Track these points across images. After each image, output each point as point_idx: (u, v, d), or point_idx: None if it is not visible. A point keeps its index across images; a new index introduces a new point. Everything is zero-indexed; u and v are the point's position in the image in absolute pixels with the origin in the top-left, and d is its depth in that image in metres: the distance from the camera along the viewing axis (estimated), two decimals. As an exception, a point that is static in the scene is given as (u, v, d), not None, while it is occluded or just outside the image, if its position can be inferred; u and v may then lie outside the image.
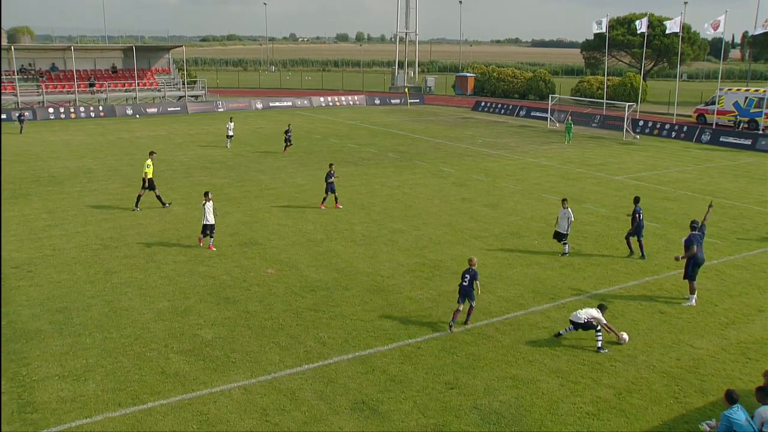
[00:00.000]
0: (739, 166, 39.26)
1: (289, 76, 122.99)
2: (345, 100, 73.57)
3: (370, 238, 22.75)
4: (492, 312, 16.75)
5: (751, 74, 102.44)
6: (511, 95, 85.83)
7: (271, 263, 20.13)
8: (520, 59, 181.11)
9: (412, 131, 51.56)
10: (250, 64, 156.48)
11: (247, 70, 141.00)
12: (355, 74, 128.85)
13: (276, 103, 69.21)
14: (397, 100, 76.44)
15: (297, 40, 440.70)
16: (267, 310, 16.68)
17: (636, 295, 18.10)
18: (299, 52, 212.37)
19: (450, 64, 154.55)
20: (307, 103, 70.74)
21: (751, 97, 54.46)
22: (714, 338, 15.57)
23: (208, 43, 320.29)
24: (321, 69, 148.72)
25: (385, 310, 16.74)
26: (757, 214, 27.23)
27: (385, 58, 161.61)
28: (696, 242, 17.47)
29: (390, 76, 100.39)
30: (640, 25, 57.04)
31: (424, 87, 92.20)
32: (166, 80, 67.43)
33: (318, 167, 35.51)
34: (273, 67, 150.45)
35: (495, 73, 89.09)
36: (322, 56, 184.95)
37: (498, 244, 22.49)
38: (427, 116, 63.93)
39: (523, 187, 31.33)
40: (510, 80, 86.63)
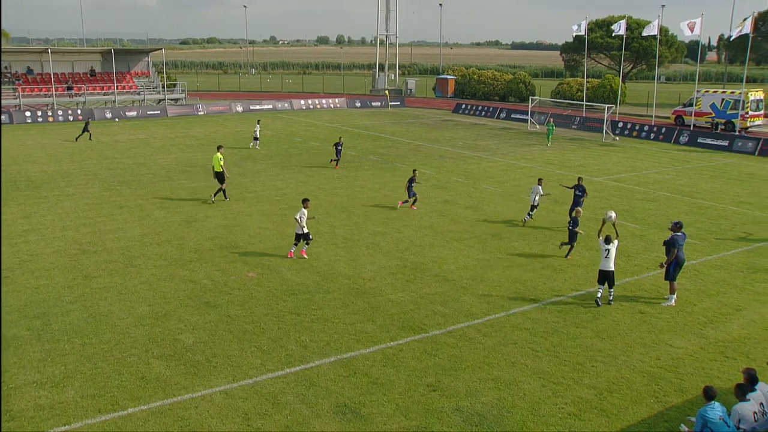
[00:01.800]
0: (716, 167, 39.70)
1: (270, 79, 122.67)
2: (326, 103, 73.49)
3: (351, 241, 22.73)
4: (473, 314, 16.80)
5: (727, 76, 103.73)
6: (491, 97, 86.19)
7: (252, 267, 20.06)
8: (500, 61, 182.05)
9: (393, 134, 51.62)
10: (231, 67, 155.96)
11: (228, 73, 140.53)
12: (335, 77, 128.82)
13: (256, 106, 68.99)
14: (377, 103, 76.47)
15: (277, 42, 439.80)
16: (248, 313, 16.61)
17: (616, 295, 18.21)
18: (280, 55, 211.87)
19: (430, 67, 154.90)
20: (288, 106, 70.59)
21: (727, 98, 55.10)
22: (693, 337, 15.72)
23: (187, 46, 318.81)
24: (301, 72, 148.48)
25: (367, 313, 16.74)
26: (733, 214, 27.54)
27: (365, 60, 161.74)
28: (677, 244, 17.62)
29: (370, 79, 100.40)
30: (618, 27, 57.52)
31: (405, 89, 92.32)
32: (145, 83, 66.97)
33: (297, 170, 35.45)
34: (253, 70, 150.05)
35: (475, 75, 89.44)
36: (303, 59, 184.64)
37: (479, 245, 22.56)
38: (408, 119, 64.03)
39: (503, 189, 31.46)
40: (490, 82, 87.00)
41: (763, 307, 17.73)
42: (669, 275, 17.80)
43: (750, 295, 18.54)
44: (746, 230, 25.22)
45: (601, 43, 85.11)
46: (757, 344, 15.45)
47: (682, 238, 17.85)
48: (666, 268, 17.80)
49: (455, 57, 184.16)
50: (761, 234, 24.75)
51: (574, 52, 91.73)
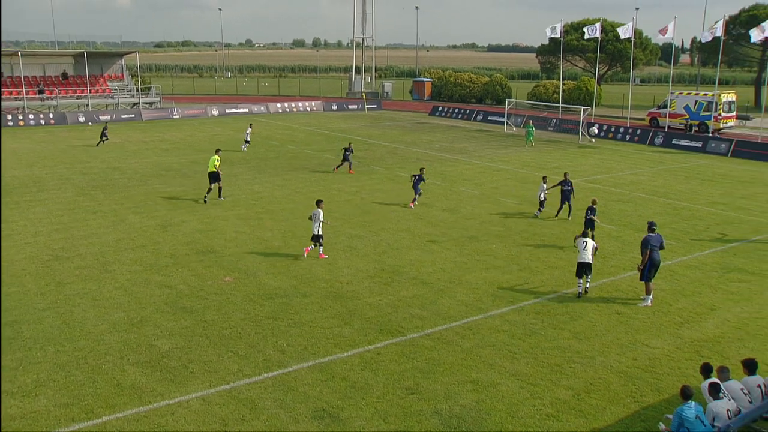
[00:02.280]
0: (691, 168, 40.19)
1: (246, 82, 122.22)
2: (302, 106, 73.36)
3: (328, 244, 22.67)
4: (451, 316, 16.83)
5: (700, 78, 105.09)
6: (467, 100, 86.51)
7: (229, 271, 19.94)
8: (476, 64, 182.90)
9: (370, 136, 51.64)
10: (206, 70, 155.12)
11: (203, 77, 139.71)
12: (312, 80, 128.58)
13: (232, 110, 68.69)
14: (354, 106, 76.47)
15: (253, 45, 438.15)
16: (225, 318, 16.50)
17: (593, 296, 18.37)
18: (255, 58, 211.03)
19: (407, 70, 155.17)
20: (264, 110, 70.34)
21: (700, 100, 55.83)
22: (669, 337, 15.89)
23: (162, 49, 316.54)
24: (278, 75, 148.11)
25: (345, 317, 16.70)
26: (708, 215, 27.89)
27: (342, 63, 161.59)
28: (648, 245, 17.77)
29: (347, 82, 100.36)
30: (593, 30, 58.05)
31: (381, 92, 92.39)
32: (119, 87, 66.41)
33: (274, 174, 35.32)
34: (229, 74, 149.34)
35: (452, 78, 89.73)
36: (279, 62, 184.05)
37: (456, 248, 22.62)
38: (385, 121, 64.09)
39: (480, 192, 31.59)
40: (467, 85, 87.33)
41: (736, 306, 17.98)
42: (643, 276, 17.96)
43: (724, 295, 18.79)
44: (720, 230, 25.55)
45: (577, 46, 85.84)
46: (731, 343, 15.67)
47: (656, 239, 18.00)
48: (641, 269, 17.97)
49: (432, 59, 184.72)
50: (735, 234, 25.09)
51: (550, 55, 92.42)
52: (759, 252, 22.91)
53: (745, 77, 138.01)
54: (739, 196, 32.00)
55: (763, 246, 23.64)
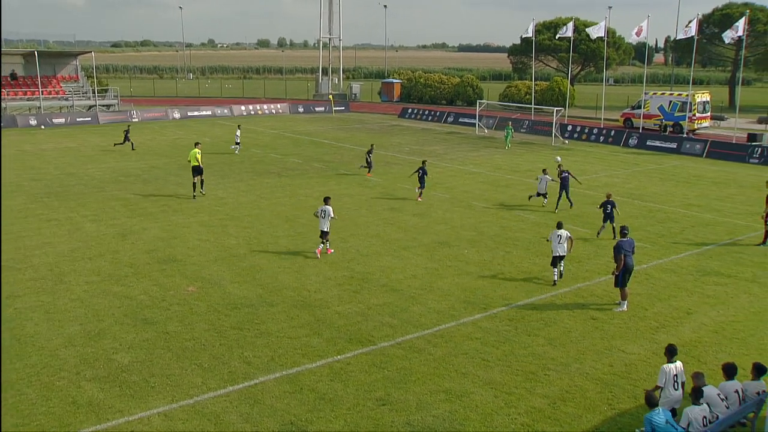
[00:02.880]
0: (665, 169, 40.80)
1: (209, 83, 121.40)
2: (267, 109, 73.09)
3: (295, 252, 22.60)
4: (423, 324, 16.87)
5: (674, 78, 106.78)
6: (438, 101, 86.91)
7: (192, 281, 19.77)
8: (447, 64, 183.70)
9: (338, 140, 51.61)
10: (166, 71, 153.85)
11: (163, 78, 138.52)
12: (277, 81, 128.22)
13: (195, 113, 68.22)
14: (321, 108, 76.36)
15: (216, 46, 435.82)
16: (188, 330, 16.36)
17: (568, 302, 18.54)
18: (218, 59, 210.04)
19: (375, 70, 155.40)
20: (228, 112, 69.95)
21: (675, 101, 56.77)
22: (645, 342, 16.08)
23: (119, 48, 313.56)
24: (242, 76, 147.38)
25: (313, 326, 16.66)
26: (683, 217, 28.32)
27: (308, 64, 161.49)
28: (622, 250, 17.97)
29: (314, 83, 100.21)
30: (565, 30, 58.70)
31: (350, 94, 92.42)
32: (74, 88, 65.52)
33: (238, 179, 35.14)
34: (191, 75, 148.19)
35: (422, 79, 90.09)
36: (243, 63, 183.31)
37: (427, 254, 22.69)
38: (353, 124, 64.11)
39: (452, 195, 31.73)
40: (437, 86, 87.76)
41: (712, 310, 18.27)
42: (618, 282, 18.16)
43: (700, 298, 19.08)
44: (695, 233, 25.94)
45: (549, 45, 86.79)
46: (708, 347, 15.91)
47: (629, 243, 18.19)
48: (615, 275, 18.17)
49: (401, 60, 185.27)
50: (710, 236, 25.50)
51: (522, 55, 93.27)
52: (734, 254, 23.32)
53: (720, 77, 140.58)
54: (714, 197, 32.55)
55: (739, 248, 24.08)
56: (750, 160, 44.12)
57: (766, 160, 43.49)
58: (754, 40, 79.05)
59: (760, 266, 22.06)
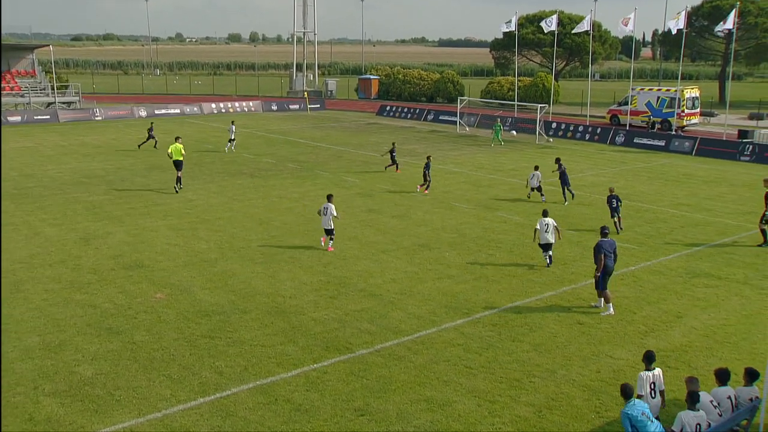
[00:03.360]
0: (653, 167, 41.19)
1: (177, 80, 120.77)
2: (239, 107, 72.91)
3: (269, 256, 22.55)
4: (403, 330, 16.89)
5: (662, 73, 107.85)
6: (418, 98, 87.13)
7: (160, 287, 19.65)
8: (426, 60, 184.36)
9: (313, 139, 51.55)
10: (132, 66, 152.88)
11: (129, 74, 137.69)
12: (249, 78, 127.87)
13: (162, 111, 67.82)
14: (296, 106, 76.30)
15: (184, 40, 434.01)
16: (156, 339, 16.24)
17: (553, 305, 18.65)
18: (187, 54, 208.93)
19: (352, 66, 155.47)
20: (198, 110, 69.64)
21: (663, 96, 57.32)
22: (633, 347, 16.20)
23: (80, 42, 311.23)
24: (212, 72, 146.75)
25: (288, 334, 16.62)
26: (672, 217, 28.60)
27: (282, 60, 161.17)
28: (601, 250, 18.09)
29: (288, 80, 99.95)
30: (549, 23, 59.06)
31: (325, 91, 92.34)
32: (30, 84, 64.77)
33: (209, 180, 34.99)
34: (158, 71, 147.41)
35: (400, 75, 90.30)
36: (213, 58, 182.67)
37: (407, 257, 22.73)
38: (329, 122, 64.08)
39: (432, 196, 31.81)
40: (416, 82, 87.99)
41: (703, 313, 18.45)
42: (598, 285, 18.28)
43: (690, 301, 19.26)
44: (685, 233, 26.20)
45: (533, 40, 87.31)
46: (698, 352, 16.05)
47: (609, 244, 18.28)
48: (596, 277, 18.30)
49: (379, 55, 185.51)
50: (700, 237, 25.77)
51: (504, 49, 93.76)
52: (725, 255, 23.58)
53: (709, 72, 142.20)
54: (704, 196, 32.91)
55: (730, 249, 24.35)
56: (741, 158, 44.64)
57: (757, 157, 43.99)
58: (744, 33, 79.84)
59: (752, 267, 22.33)
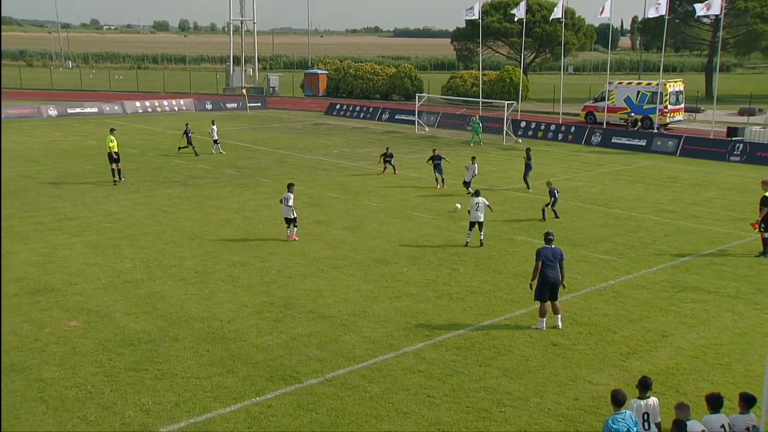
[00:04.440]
0: (634, 170, 41.87)
1: (93, 74, 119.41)
2: (168, 105, 72.41)
3: (204, 275, 22.36)
4: (356, 356, 16.86)
5: (643, 65, 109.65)
6: (371, 95, 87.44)
7: (75, 314, 19.33)
8: (381, 52, 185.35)
9: (253, 141, 51.34)
10: (38, 57, 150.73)
11: (34, 66, 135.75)
12: (180, 72, 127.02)
13: (77, 110, 67.06)
14: (233, 104, 76.04)
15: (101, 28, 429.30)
16: (70, 375, 15.92)
17: (524, 326, 18.78)
18: (105, 44, 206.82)
19: (297, 60, 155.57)
20: (119, 110, 68.97)
21: (643, 91, 58.31)
22: (615, 371, 16.37)
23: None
24: (135, 66, 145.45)
25: (226, 363, 16.48)
26: (654, 225, 29.07)
27: (216, 52, 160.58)
28: (542, 257, 18.27)
29: (224, 75, 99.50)
30: (517, 10, 59.80)
31: (267, 87, 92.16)
32: None
33: (133, 189, 34.61)
34: (70, 63, 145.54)
35: (351, 69, 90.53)
36: (137, 49, 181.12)
37: (361, 274, 22.73)
38: (271, 123, 63.91)
39: (388, 205, 31.90)
40: (370, 78, 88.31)
41: (691, 331, 18.70)
42: (536, 294, 18.51)
43: (676, 318, 19.53)
44: (670, 243, 26.64)
45: (499, 29, 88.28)
46: (687, 375, 16.22)
47: (552, 252, 18.39)
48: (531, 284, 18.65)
49: (327, 47, 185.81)
50: (686, 247, 26.22)
51: (467, 40, 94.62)
52: (715, 266, 23.99)
53: (695, 63, 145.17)
54: (690, 201, 33.52)
55: (720, 259, 24.79)
56: (730, 158, 45.46)
57: (748, 157, 44.72)
58: (733, 19, 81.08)
59: (745, 280, 22.69)
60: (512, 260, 24.30)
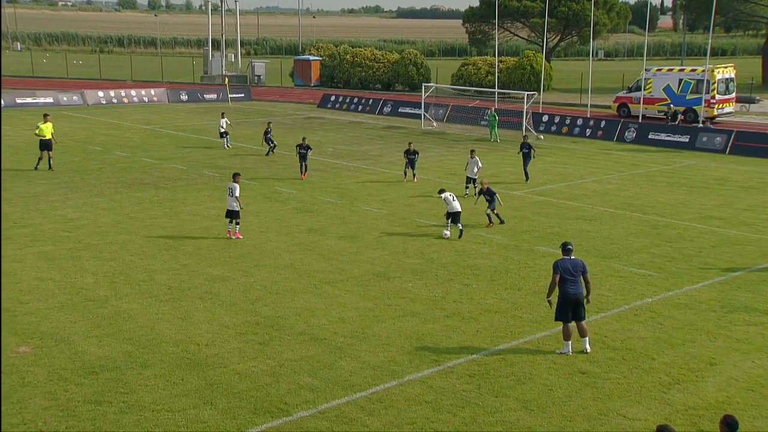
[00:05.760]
0: (675, 171, 41.82)
1: (47, 58, 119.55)
2: (137, 96, 72.59)
3: (178, 291, 22.37)
4: (354, 385, 16.84)
5: (686, 49, 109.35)
6: (371, 85, 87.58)
7: (25, 338, 19.27)
8: (382, 35, 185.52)
9: (236, 138, 51.38)
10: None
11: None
12: (150, 57, 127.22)
13: (27, 99, 67.40)
14: (212, 95, 76.16)
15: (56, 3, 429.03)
16: (18, 410, 15.82)
17: (547, 350, 18.72)
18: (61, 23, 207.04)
19: (286, 44, 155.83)
20: (79, 100, 69.15)
21: (686, 79, 58.12)
22: (653, 404, 16.24)
23: None
24: (97, 49, 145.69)
25: (203, 393, 16.46)
26: (699, 234, 29.00)
27: (193, 34, 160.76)
28: (557, 270, 18.21)
29: (201, 61, 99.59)
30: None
31: (251, 76, 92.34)
32: None
33: (96, 192, 34.63)
34: (19, 45, 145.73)
35: (348, 55, 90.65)
36: (99, 30, 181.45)
37: (359, 290, 22.73)
38: (257, 116, 64.01)
39: (390, 211, 31.92)
40: (369, 65, 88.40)
41: (744, 359, 18.46)
42: (557, 314, 18.44)
43: (727, 343, 19.32)
44: (718, 255, 26.55)
45: (518, 8, 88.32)
46: (741, 411, 15.90)
47: (573, 265, 18.31)
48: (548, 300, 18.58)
49: (320, 30, 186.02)
50: (738, 260, 26.14)
51: (481, 21, 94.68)
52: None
53: (749, 45, 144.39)
54: (741, 207, 33.43)
55: (777, 274, 24.66)
56: (791, 156, 45.28)
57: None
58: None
59: (806, 298, 22.50)
60: (533, 274, 24.26)
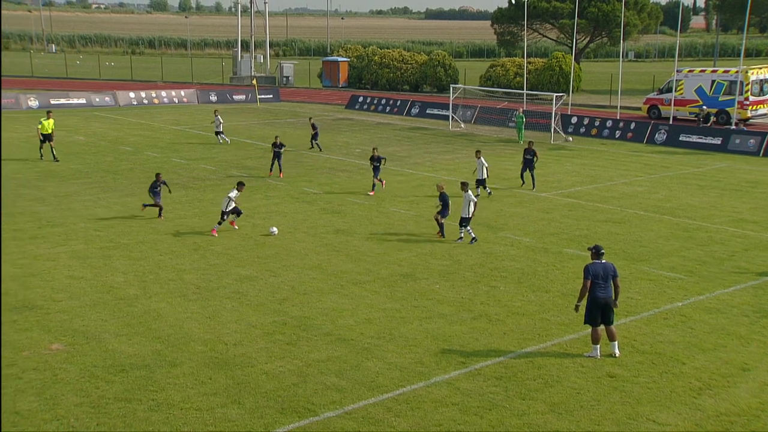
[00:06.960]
0: (707, 173, 41.53)
1: (81, 60, 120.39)
2: (167, 96, 72.93)
3: (207, 291, 22.45)
4: (381, 386, 16.84)
5: (719, 50, 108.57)
6: (399, 87, 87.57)
7: (58, 335, 19.43)
8: (410, 37, 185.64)
9: (264, 139, 51.49)
10: (16, 39, 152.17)
11: (11, 50, 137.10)
12: (180, 59, 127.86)
13: (61, 100, 67.78)
14: (241, 96, 76.40)
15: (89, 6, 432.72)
16: (50, 407, 15.96)
17: (575, 353, 18.64)
18: (95, 25, 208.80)
19: (315, 45, 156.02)
20: (111, 101, 69.56)
21: (719, 80, 57.68)
22: (684, 409, 16.12)
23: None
24: (129, 51, 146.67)
25: (231, 392, 16.51)
26: (731, 237, 28.78)
27: (222, 36, 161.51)
28: (588, 275, 18.04)
29: (230, 63, 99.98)
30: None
31: (280, 77, 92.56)
32: None
33: (128, 192, 34.83)
34: (54, 47, 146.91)
35: (376, 56, 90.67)
36: (131, 32, 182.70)
37: (386, 291, 22.73)
38: (284, 117, 64.14)
39: (417, 212, 31.89)
40: (397, 66, 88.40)
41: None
42: (587, 318, 18.33)
43: (760, 348, 19.15)
44: (750, 259, 26.33)
45: (547, 9, 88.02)
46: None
47: (604, 269, 18.15)
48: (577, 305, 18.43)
49: (349, 31, 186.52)
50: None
51: (509, 22, 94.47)
52: (804, 287, 23.63)
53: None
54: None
55: (810, 278, 24.41)
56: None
57: None
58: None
59: (839, 303, 22.28)
60: (561, 276, 24.19)
